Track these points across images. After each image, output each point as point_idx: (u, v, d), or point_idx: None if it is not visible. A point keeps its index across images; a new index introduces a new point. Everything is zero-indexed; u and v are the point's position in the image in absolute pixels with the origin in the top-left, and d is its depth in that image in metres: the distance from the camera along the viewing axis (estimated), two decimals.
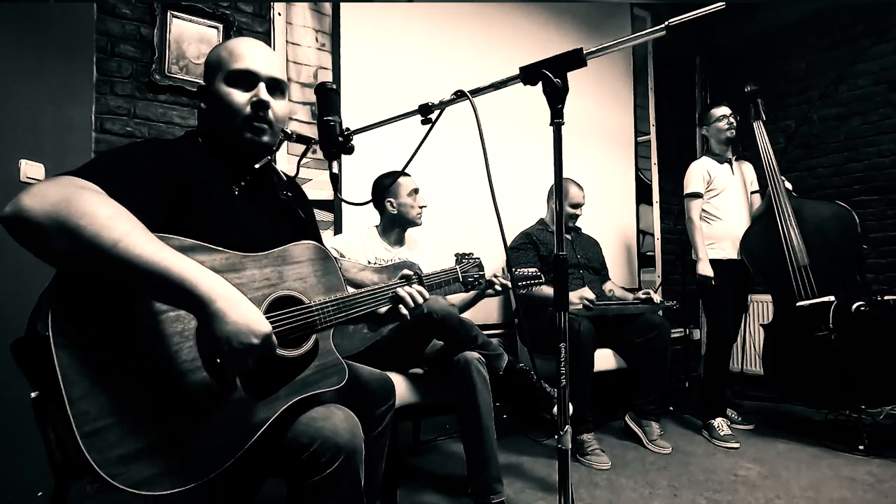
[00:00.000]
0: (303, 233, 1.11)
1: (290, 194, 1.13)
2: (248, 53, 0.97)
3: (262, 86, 0.97)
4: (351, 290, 1.10)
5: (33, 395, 0.78)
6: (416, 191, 1.96)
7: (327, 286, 1.05)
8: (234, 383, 0.86)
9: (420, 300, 1.19)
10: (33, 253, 0.71)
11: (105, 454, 0.70)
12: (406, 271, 1.27)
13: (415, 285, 1.21)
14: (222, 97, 0.96)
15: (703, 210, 2.65)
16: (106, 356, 0.74)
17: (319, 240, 1.15)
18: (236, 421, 0.85)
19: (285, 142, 1.07)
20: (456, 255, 1.57)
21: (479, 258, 1.59)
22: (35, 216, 0.69)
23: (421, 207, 1.97)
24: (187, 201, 0.90)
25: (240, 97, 0.96)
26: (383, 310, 1.17)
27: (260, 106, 0.96)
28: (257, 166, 1.04)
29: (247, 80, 0.96)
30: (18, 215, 0.69)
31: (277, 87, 1.01)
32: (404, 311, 1.16)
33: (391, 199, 1.94)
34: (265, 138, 0.99)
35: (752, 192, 2.71)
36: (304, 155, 1.20)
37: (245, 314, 0.77)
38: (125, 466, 0.72)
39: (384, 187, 1.93)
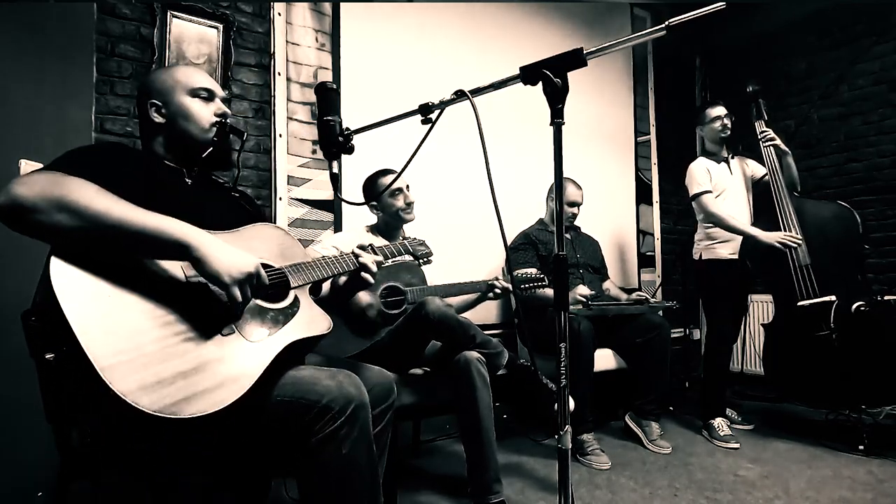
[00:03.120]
0: (257, 221, 1.21)
1: (232, 188, 1.28)
2: (201, 75, 1.17)
3: (218, 100, 1.17)
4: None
5: (49, 356, 0.83)
6: (399, 190, 1.92)
7: (293, 257, 1.15)
8: (239, 315, 0.94)
9: (375, 268, 1.26)
10: (30, 233, 0.79)
11: (126, 383, 0.75)
12: (361, 241, 1.31)
13: (369, 253, 1.27)
14: (187, 108, 1.12)
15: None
16: (110, 304, 0.81)
17: None
18: (242, 357, 0.91)
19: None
20: (403, 237, 1.77)
21: (423, 239, 1.65)
22: (30, 199, 0.77)
23: (408, 204, 1.94)
24: (149, 196, 0.96)
25: (205, 109, 1.14)
26: (343, 280, 1.27)
27: (224, 116, 1.17)
28: (204, 156, 1.14)
29: (207, 95, 1.15)
30: (14, 201, 0.77)
31: (225, 99, 1.21)
32: (367, 276, 1.24)
33: (374, 203, 1.95)
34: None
35: (762, 177, 2.62)
36: (241, 148, 1.27)
37: (234, 252, 0.91)
38: (147, 394, 0.76)
39: (366, 192, 1.96)
